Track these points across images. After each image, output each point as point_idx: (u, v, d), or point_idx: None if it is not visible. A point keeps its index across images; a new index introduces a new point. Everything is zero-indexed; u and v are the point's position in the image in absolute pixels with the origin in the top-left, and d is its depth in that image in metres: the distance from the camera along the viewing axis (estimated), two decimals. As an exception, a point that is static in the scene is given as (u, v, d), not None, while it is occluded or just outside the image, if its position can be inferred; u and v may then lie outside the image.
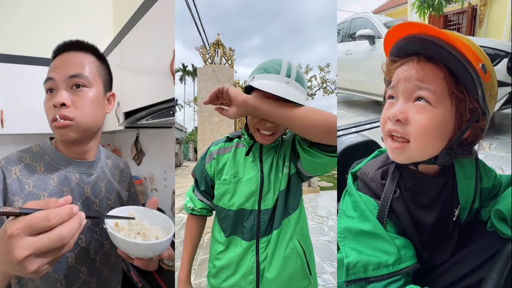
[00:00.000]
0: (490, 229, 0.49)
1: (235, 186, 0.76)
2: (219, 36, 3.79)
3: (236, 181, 0.76)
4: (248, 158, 0.77)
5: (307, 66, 9.75)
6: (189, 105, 18.14)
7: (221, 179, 0.78)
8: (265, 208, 0.74)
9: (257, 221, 0.74)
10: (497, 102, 1.06)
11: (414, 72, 0.43)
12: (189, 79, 31.30)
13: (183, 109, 32.73)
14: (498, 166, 1.89)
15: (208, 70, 3.51)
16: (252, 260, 0.74)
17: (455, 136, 0.44)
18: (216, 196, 0.79)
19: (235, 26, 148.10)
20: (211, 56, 3.72)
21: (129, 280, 1.23)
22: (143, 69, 1.36)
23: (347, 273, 0.43)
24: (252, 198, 0.75)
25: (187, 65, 31.35)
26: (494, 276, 0.42)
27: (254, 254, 0.74)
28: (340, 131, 1.76)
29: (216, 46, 3.74)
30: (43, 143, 0.72)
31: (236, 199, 0.75)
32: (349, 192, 0.53)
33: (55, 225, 0.37)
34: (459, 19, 5.29)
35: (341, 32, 3.68)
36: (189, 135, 16.96)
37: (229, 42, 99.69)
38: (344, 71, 3.54)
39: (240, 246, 0.75)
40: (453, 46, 0.40)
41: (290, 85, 0.67)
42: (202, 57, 3.73)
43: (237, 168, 0.77)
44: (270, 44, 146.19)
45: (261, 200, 0.75)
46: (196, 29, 4.41)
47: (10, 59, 2.01)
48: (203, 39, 4.52)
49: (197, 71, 3.73)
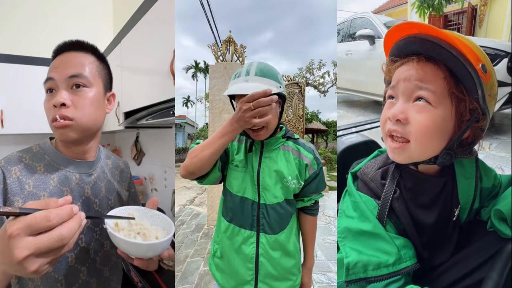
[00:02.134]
0: (490, 229, 0.49)
1: (243, 175, 0.82)
2: (231, 34, 3.80)
3: (244, 171, 0.83)
4: (252, 153, 0.84)
5: (320, 61, 9.40)
6: (200, 102, 18.45)
7: (233, 163, 0.84)
8: (265, 202, 0.80)
9: (257, 213, 0.81)
10: (497, 102, 1.06)
11: (414, 72, 0.43)
12: (201, 76, 31.22)
13: (194, 105, 33.00)
14: (498, 166, 1.89)
15: (220, 68, 3.52)
16: (252, 251, 0.81)
17: (455, 136, 0.44)
18: (227, 180, 0.86)
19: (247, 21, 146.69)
20: (223, 53, 3.73)
21: (129, 280, 1.23)
22: (143, 69, 1.36)
23: (347, 273, 0.43)
24: (253, 190, 0.81)
25: (199, 62, 31.28)
26: (494, 276, 0.42)
27: (254, 249, 0.81)
28: (340, 131, 1.76)
29: (227, 43, 3.74)
30: (43, 143, 0.72)
31: (241, 187, 0.82)
32: (349, 192, 0.53)
33: (55, 225, 0.37)
34: (459, 19, 5.29)
35: (341, 32, 3.68)
36: (200, 131, 17.27)
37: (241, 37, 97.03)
38: (344, 71, 3.54)
39: (241, 235, 0.82)
40: (453, 46, 0.40)
41: (250, 81, 0.75)
42: (214, 55, 3.74)
43: (246, 159, 0.84)
44: (282, 38, 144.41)
45: (260, 194, 0.81)
46: (209, 26, 4.41)
47: (10, 59, 2.01)
48: (215, 37, 4.53)
49: (209, 68, 3.73)
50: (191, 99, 32.78)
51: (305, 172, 0.84)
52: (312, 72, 9.58)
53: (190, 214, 4.23)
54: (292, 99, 4.51)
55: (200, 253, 2.72)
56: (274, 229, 0.81)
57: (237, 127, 0.69)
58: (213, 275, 0.89)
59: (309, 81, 9.45)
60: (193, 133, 19.48)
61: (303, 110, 4.59)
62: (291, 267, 0.85)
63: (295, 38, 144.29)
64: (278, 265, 0.82)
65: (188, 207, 4.75)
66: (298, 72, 10.02)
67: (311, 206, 0.89)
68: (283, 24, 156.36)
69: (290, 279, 0.85)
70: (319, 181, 0.87)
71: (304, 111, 4.66)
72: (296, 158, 0.84)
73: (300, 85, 4.65)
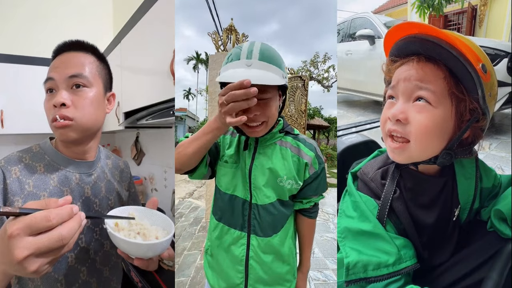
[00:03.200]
0: (490, 229, 0.49)
1: (234, 171, 0.76)
2: (232, 21, 3.59)
3: (235, 167, 0.76)
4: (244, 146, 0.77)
5: (325, 54, 8.98)
6: (201, 94, 17.92)
7: (222, 159, 0.78)
8: (256, 202, 0.74)
9: (248, 213, 0.75)
10: (497, 102, 1.06)
11: (414, 72, 0.43)
12: (202, 68, 30.19)
13: (195, 98, 32.10)
14: (498, 166, 1.89)
15: (220, 58, 3.29)
16: (242, 253, 0.75)
17: (455, 136, 0.44)
18: (216, 176, 0.81)
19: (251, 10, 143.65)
20: (224, 42, 3.49)
21: (129, 280, 1.23)
22: (143, 69, 1.36)
23: (347, 273, 0.43)
24: (244, 188, 0.75)
25: (201, 53, 30.21)
26: (494, 276, 0.42)
27: (244, 251, 0.75)
28: (340, 131, 1.76)
29: (229, 32, 3.50)
30: (43, 143, 0.72)
31: (231, 184, 0.76)
32: (349, 192, 0.53)
33: (55, 225, 0.37)
34: (459, 19, 5.30)
35: (341, 32, 3.68)
36: (201, 124, 16.94)
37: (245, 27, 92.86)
38: (344, 71, 3.54)
39: (230, 235, 0.76)
40: (453, 46, 0.40)
41: (252, 66, 0.63)
42: (215, 44, 3.52)
43: (239, 155, 0.77)
44: (287, 29, 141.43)
45: (251, 193, 0.74)
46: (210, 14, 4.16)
47: (10, 59, 2.01)
48: (216, 25, 4.24)
49: (209, 58, 3.52)
50: (192, 91, 32.10)
51: (305, 172, 0.76)
52: (316, 65, 9.15)
53: (189, 207, 4.27)
54: (295, 93, 4.29)
55: (197, 246, 2.74)
56: (266, 231, 0.74)
57: (220, 124, 0.61)
58: (206, 274, 0.84)
59: (313, 75, 9.01)
60: (194, 126, 19.04)
61: (305, 105, 4.38)
62: (284, 273, 0.79)
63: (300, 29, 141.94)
64: (269, 270, 0.76)
65: (187, 200, 4.79)
66: (302, 65, 9.51)
67: (310, 209, 0.83)
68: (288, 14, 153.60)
69: (283, 285, 0.79)
70: (320, 182, 0.79)
71: (307, 106, 4.46)
72: (295, 156, 0.75)
73: (304, 78, 4.42)
